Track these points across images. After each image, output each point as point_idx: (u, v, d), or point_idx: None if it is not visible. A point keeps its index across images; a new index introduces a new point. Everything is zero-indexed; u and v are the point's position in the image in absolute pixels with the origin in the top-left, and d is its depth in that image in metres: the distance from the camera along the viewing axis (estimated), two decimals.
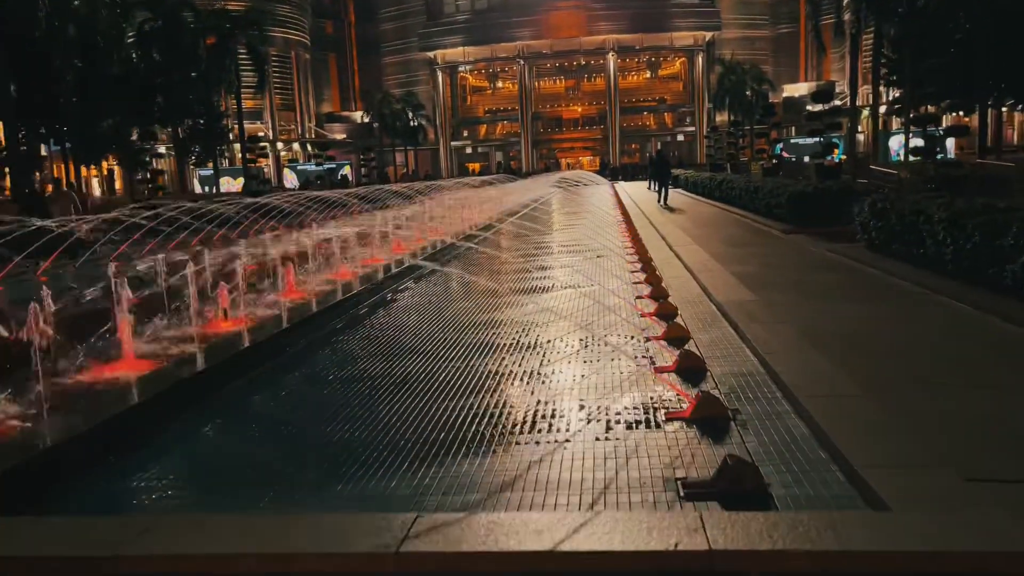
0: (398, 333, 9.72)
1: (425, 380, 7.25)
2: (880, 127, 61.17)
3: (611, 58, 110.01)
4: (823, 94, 40.05)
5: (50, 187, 48.03)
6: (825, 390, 5.97)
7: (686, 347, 7.69)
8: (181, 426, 6.31)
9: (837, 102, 53.61)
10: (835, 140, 47.47)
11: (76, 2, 45.92)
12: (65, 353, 7.24)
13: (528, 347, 8.55)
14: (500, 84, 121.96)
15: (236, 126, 74.35)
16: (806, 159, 52.41)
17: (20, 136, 52.11)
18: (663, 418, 5.95)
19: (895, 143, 70.59)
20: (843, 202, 19.38)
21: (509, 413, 6.26)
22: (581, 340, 8.66)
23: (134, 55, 57.83)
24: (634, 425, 5.82)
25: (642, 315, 9.49)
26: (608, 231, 19.71)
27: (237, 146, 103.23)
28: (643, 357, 7.82)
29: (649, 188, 35.47)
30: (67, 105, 48.21)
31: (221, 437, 6.46)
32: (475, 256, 17.20)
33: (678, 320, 8.89)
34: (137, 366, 7.31)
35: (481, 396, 6.69)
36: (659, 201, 31.51)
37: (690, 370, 7.04)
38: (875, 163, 41.65)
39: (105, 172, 76.32)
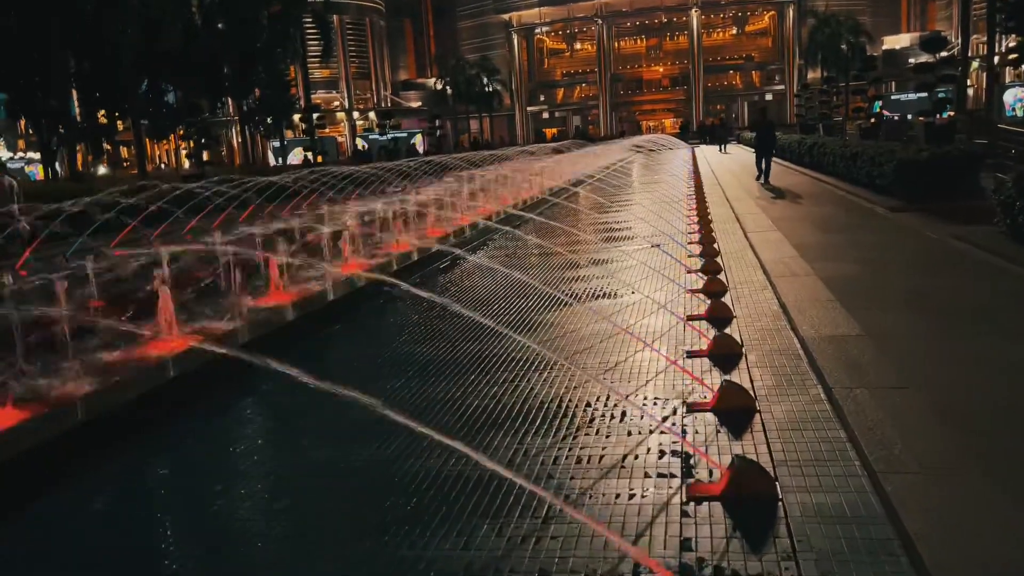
0: None
1: None
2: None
3: (694, 14, 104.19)
4: (934, 42, 35.10)
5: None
6: None
7: (742, 463, 4.54)
8: None
9: (946, 53, 47.96)
10: (944, 95, 42.32)
11: None
12: None
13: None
14: (578, 46, 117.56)
15: (309, 96, 73.28)
16: (909, 117, 47.20)
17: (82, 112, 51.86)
18: None
19: (1010, 97, 63.76)
20: (967, 172, 15.76)
21: None
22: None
23: (199, 24, 56.41)
24: None
25: (687, 376, 6.48)
26: (672, 213, 16.52)
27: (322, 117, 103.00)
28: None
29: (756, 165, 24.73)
30: (128, 79, 47.09)
31: None
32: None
33: (736, 383, 5.88)
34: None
35: None
36: (760, 178, 23.39)
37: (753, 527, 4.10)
38: (989, 121, 36.59)
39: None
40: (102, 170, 70.57)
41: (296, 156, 73.09)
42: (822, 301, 7.71)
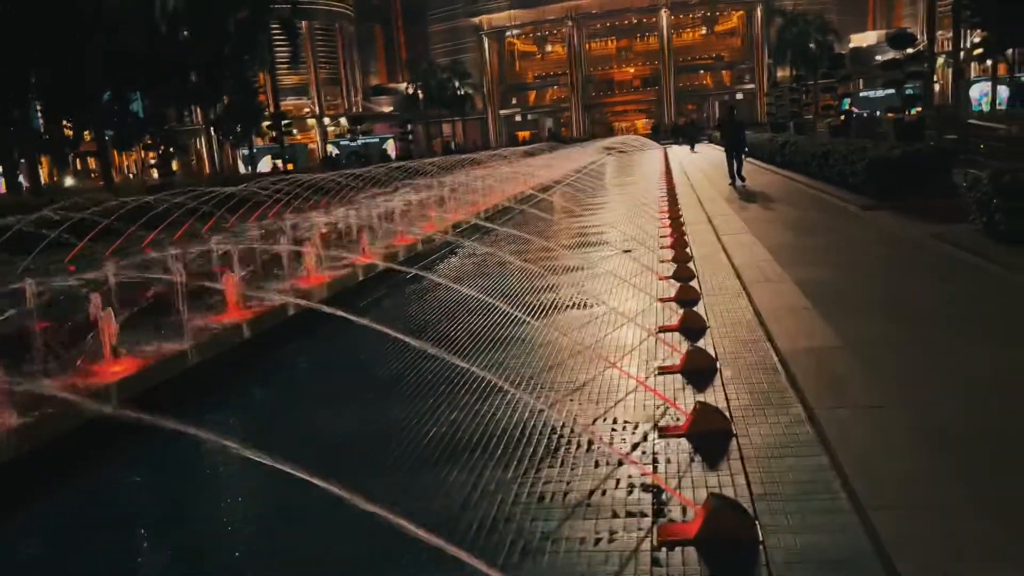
0: None
1: None
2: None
3: (664, 15, 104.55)
4: (901, 39, 35.13)
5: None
6: None
7: (718, 503, 4.13)
8: None
9: (913, 49, 48.20)
10: (913, 91, 42.50)
11: None
12: None
13: None
14: (549, 48, 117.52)
15: (277, 103, 72.40)
16: (878, 114, 47.40)
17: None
18: None
19: (976, 92, 64.36)
20: (939, 168, 15.56)
21: None
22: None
23: (164, 31, 55.33)
24: None
25: (658, 398, 6.10)
26: (643, 216, 16.20)
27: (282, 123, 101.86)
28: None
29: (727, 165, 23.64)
30: (90, 87, 46.04)
31: None
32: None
33: (710, 405, 5.51)
34: None
35: None
36: (731, 178, 22.12)
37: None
38: (957, 116, 36.74)
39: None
40: (69, 181, 69.28)
41: (266, 164, 72.25)
42: (798, 309, 7.36)
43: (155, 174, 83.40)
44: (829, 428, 4.58)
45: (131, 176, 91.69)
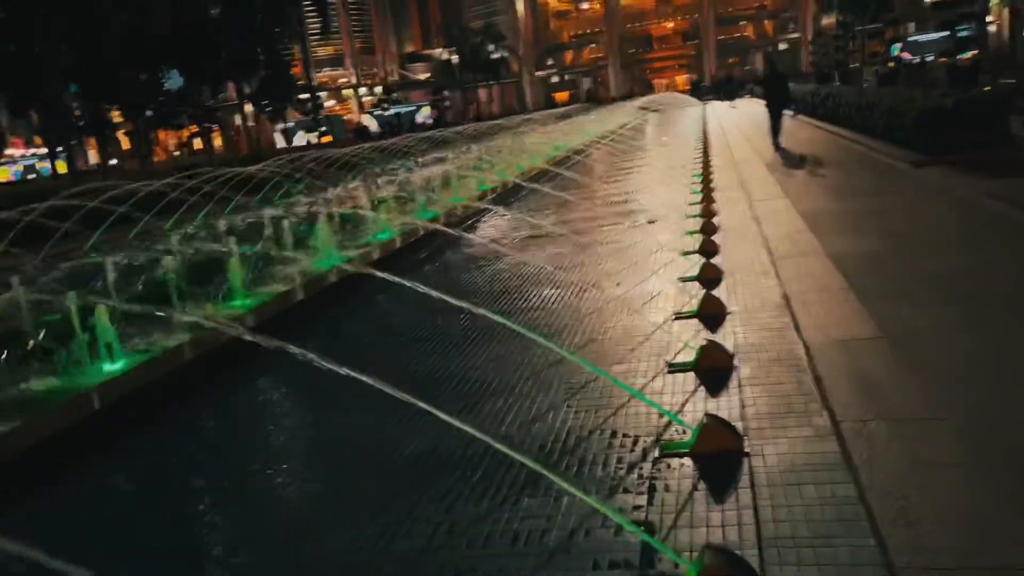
0: None
1: None
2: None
3: None
4: None
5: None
6: None
7: (717, 557, 3.47)
8: None
9: None
10: (966, 34, 40.27)
11: None
12: None
13: None
14: (584, 5, 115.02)
15: (311, 75, 71.98)
16: (929, 59, 45.07)
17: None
18: None
19: None
20: (996, 117, 14.33)
21: None
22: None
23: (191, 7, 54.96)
24: None
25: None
26: (672, 182, 15.30)
27: (319, 95, 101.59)
28: None
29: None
30: (122, 68, 46.01)
31: None
32: None
33: (720, 420, 4.80)
34: None
35: None
36: (773, 139, 19.21)
37: None
38: (1014, 59, 34.55)
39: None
40: (114, 162, 69.83)
41: (302, 137, 72.10)
42: (832, 290, 6.55)
43: (196, 148, 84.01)
44: (857, 447, 3.84)
45: (176, 154, 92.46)
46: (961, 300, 6.15)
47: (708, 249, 8.94)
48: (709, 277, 7.73)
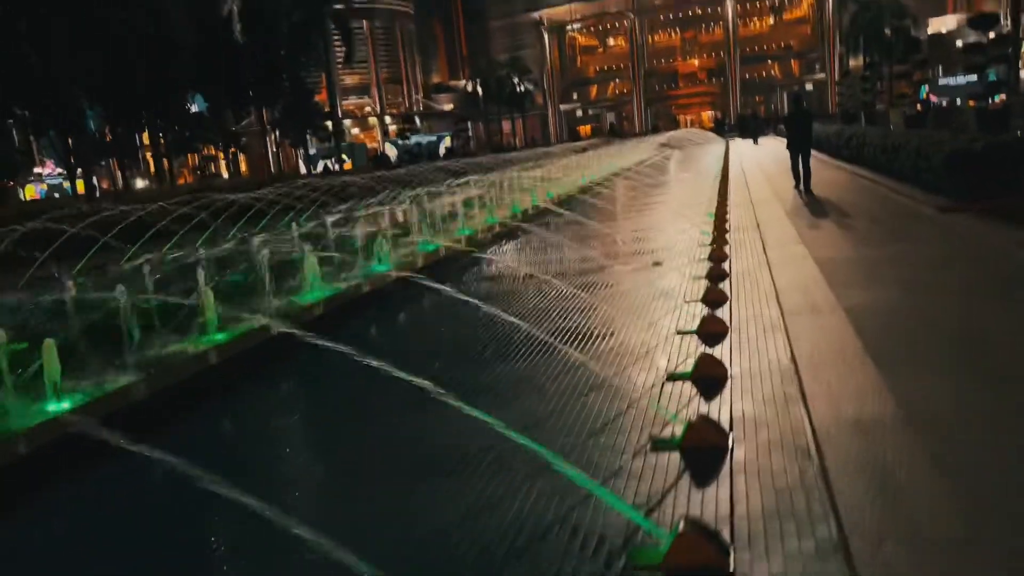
0: None
1: None
2: None
3: (729, 5, 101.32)
4: (984, 21, 32.38)
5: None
6: None
7: None
8: None
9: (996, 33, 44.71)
10: (997, 77, 39.35)
11: None
12: None
13: None
14: (611, 41, 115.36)
15: (336, 102, 72.13)
16: (958, 101, 44.18)
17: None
18: None
19: None
20: None
21: None
22: None
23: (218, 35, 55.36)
24: None
25: None
26: (685, 222, 14.52)
27: (342, 123, 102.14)
28: None
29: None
30: (145, 92, 46.13)
31: None
32: None
33: (702, 527, 3.99)
34: None
35: None
36: (796, 180, 18.08)
37: None
38: None
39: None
40: (140, 183, 70.13)
41: (322, 164, 72.19)
42: (847, 355, 5.72)
43: (212, 172, 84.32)
44: None
45: (204, 176, 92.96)
46: (996, 372, 5.31)
47: (713, 298, 8.16)
48: (711, 331, 6.94)
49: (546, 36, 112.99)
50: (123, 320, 7.17)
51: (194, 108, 59.13)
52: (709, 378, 5.73)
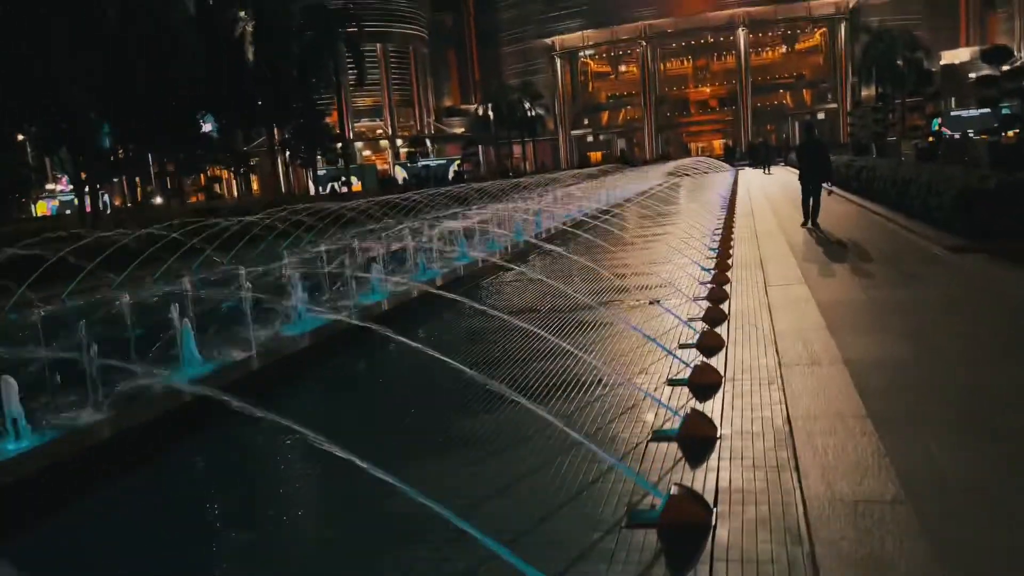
0: None
1: None
2: None
3: (741, 34, 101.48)
4: (998, 53, 32.03)
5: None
6: None
7: None
8: None
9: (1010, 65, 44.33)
10: (1011, 111, 38.96)
11: None
12: None
13: None
14: (623, 68, 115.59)
15: (346, 124, 72.46)
16: (970, 133, 43.73)
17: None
18: None
19: None
20: None
21: None
22: None
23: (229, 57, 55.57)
24: None
25: None
26: (687, 256, 14.11)
27: (353, 144, 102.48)
28: None
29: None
30: (155, 113, 46.18)
31: None
32: None
33: None
34: None
35: None
36: (804, 216, 17.21)
37: None
38: None
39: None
40: (158, 200, 70.12)
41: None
42: (846, 417, 5.28)
43: (235, 192, 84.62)
44: None
45: (210, 196, 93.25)
46: (1010, 437, 4.86)
47: (709, 343, 7.73)
48: (703, 382, 6.51)
49: (558, 62, 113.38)
50: None
51: (207, 127, 59.14)
52: (697, 439, 5.29)
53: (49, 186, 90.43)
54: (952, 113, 63.40)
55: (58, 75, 37.88)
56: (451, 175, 71.57)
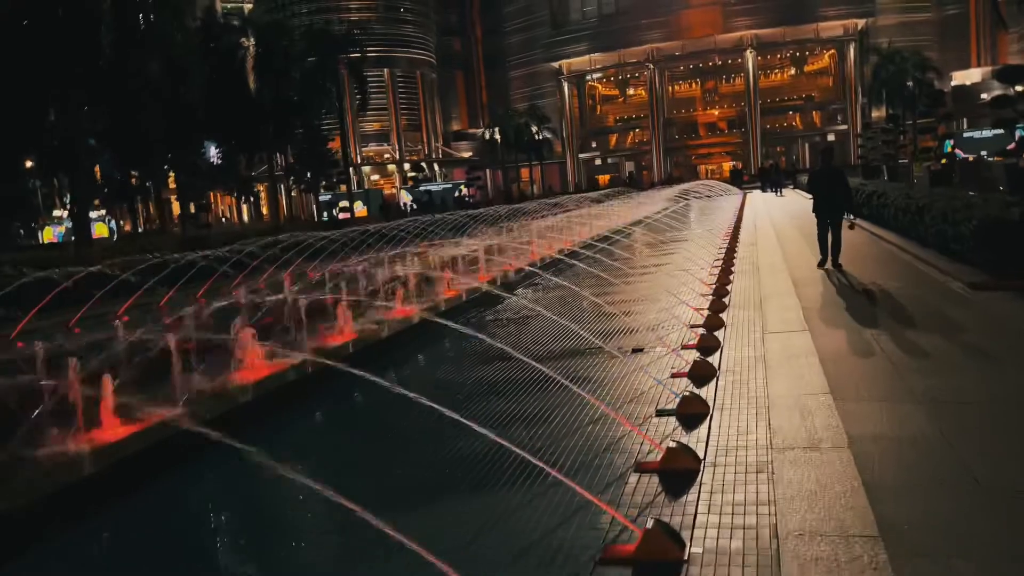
0: None
1: None
2: None
3: (749, 56, 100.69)
4: (1012, 73, 30.81)
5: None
6: None
7: None
8: None
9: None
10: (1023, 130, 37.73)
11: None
12: None
13: None
14: (631, 91, 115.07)
15: (350, 149, 71.80)
16: (983, 154, 42.48)
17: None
18: None
19: None
20: None
21: None
22: None
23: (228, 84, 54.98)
24: None
25: None
26: (679, 298, 12.93)
27: (361, 169, 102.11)
28: None
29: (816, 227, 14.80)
30: (154, 140, 45.53)
31: None
32: None
33: None
34: None
35: None
36: (823, 254, 14.69)
37: None
38: None
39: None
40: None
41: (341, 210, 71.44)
42: (846, 528, 4.08)
43: (236, 219, 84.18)
44: None
45: (223, 220, 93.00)
46: None
47: (691, 411, 6.55)
48: (677, 469, 5.32)
49: (565, 85, 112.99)
50: None
51: (213, 150, 58.58)
52: (658, 565, 4.10)
53: (56, 212, 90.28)
54: (964, 134, 62.13)
55: (53, 102, 37.38)
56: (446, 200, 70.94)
